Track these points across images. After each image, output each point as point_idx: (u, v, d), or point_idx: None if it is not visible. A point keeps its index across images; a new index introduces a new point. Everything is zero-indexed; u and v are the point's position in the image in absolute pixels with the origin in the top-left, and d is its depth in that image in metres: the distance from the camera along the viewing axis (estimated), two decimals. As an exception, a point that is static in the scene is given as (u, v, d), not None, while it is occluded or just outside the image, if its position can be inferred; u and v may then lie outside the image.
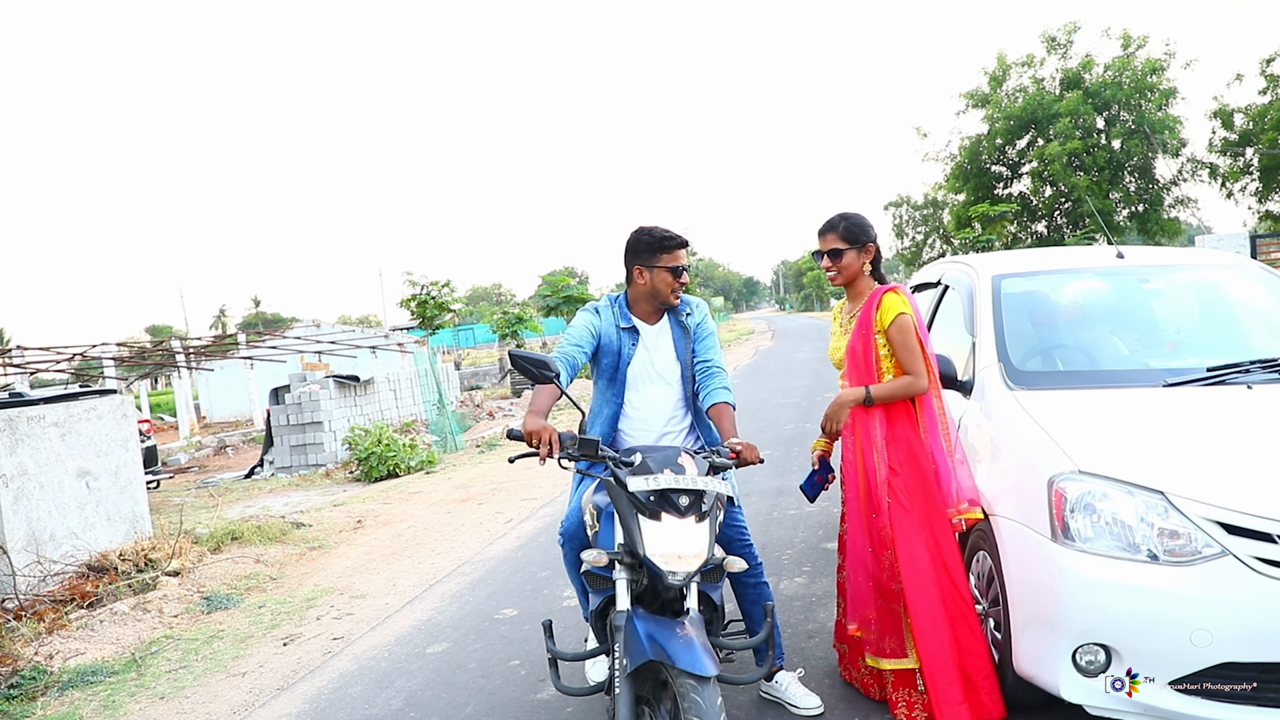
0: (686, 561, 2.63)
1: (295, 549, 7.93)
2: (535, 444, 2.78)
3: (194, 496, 12.82)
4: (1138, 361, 3.69)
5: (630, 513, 2.67)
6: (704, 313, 3.56)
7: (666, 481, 2.64)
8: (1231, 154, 28.00)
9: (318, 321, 32.94)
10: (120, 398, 8.78)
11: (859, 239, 3.48)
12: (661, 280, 3.37)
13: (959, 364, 3.87)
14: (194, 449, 21.23)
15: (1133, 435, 3.06)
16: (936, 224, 38.22)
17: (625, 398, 3.43)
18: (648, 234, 3.38)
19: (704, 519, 2.70)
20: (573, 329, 3.39)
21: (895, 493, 3.31)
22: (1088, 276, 4.22)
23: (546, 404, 3.00)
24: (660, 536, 2.63)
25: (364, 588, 6.42)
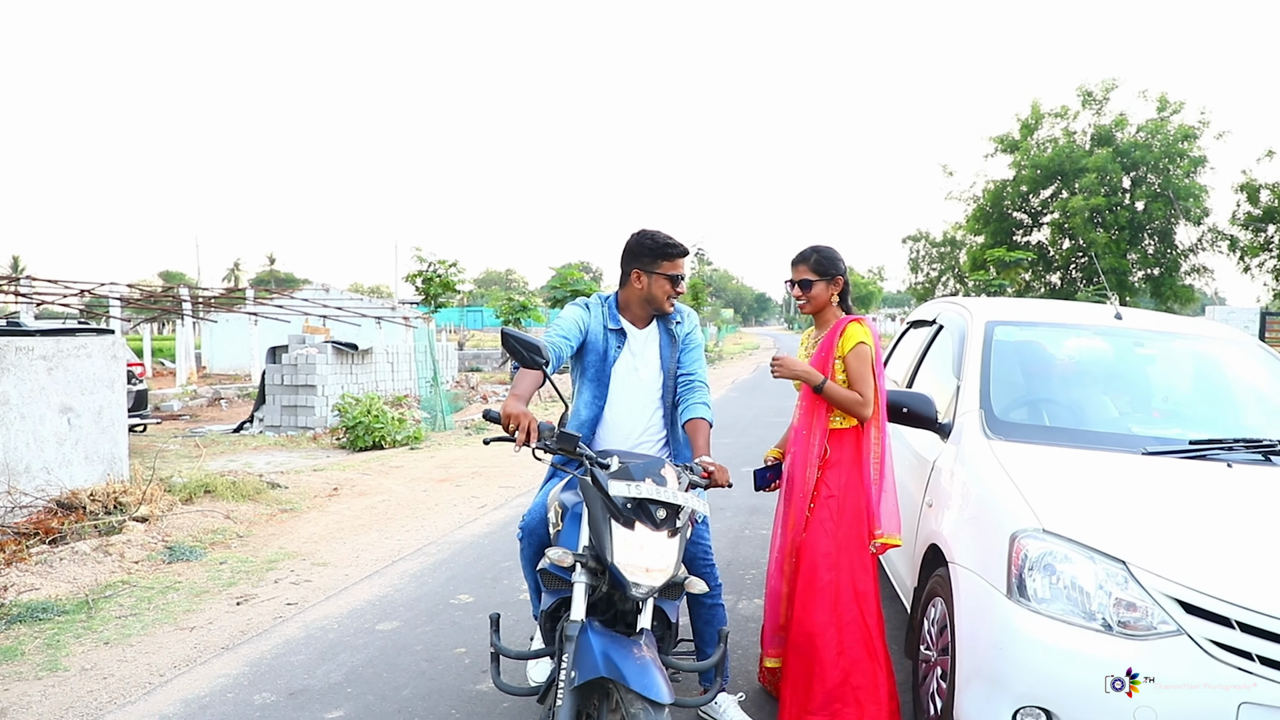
0: (652, 575, 2.59)
1: (267, 509, 7.90)
2: (512, 429, 2.72)
3: (179, 444, 12.82)
4: (1121, 425, 3.65)
5: (603, 517, 2.62)
6: (694, 323, 3.52)
7: (648, 491, 2.60)
8: (1254, 229, 27.90)
9: (326, 286, 33.02)
10: (113, 338, 8.75)
11: (829, 271, 3.60)
12: (659, 287, 3.34)
13: (941, 405, 3.83)
14: (189, 397, 21.21)
15: (1103, 500, 3.01)
16: (952, 262, 38.10)
17: (606, 400, 3.38)
18: (650, 239, 3.34)
19: (676, 534, 2.66)
20: (561, 320, 3.34)
21: (821, 515, 3.45)
22: (1082, 333, 4.18)
23: (529, 390, 2.94)
24: (631, 546, 2.58)
25: (327, 556, 6.39)
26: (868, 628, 3.38)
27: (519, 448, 2.70)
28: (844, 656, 3.35)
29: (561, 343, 3.25)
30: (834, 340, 3.54)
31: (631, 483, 2.60)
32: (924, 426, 3.73)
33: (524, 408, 2.77)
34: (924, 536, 3.56)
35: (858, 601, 3.39)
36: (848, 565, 3.40)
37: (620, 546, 2.57)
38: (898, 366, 5.49)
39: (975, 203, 31.99)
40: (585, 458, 2.74)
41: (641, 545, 2.58)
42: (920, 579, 3.62)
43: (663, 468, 2.70)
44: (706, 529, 3.44)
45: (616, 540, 2.58)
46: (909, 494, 3.94)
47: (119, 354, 8.71)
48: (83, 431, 8.05)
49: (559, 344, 3.23)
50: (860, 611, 3.38)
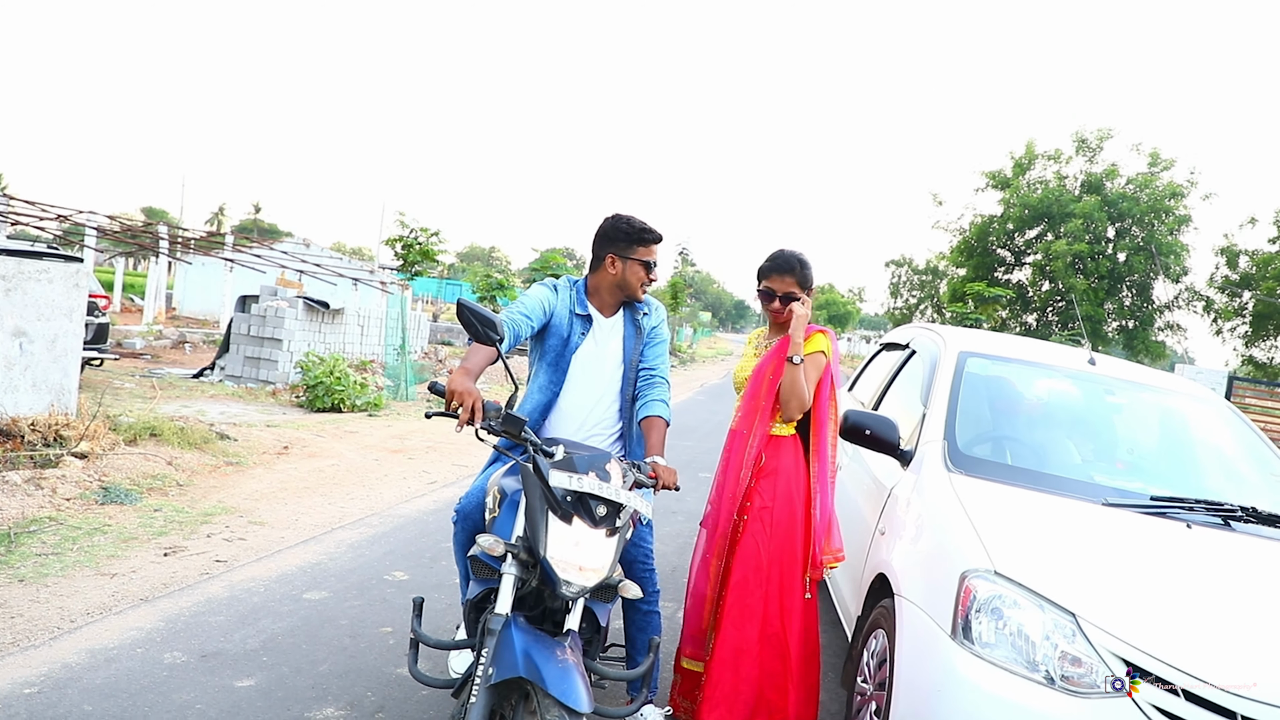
0: (586, 574, 2.47)
1: (212, 460, 7.70)
2: (455, 405, 2.57)
3: (135, 383, 12.54)
4: (1084, 473, 3.57)
5: (540, 508, 2.49)
6: (661, 317, 3.41)
7: (590, 485, 2.47)
8: (1229, 293, 28.26)
9: (307, 241, 32.50)
10: (77, 266, 8.50)
11: (809, 283, 3.49)
12: (634, 273, 3.23)
13: (905, 431, 3.74)
14: (153, 337, 20.82)
15: (1059, 547, 2.93)
16: (932, 291, 38.32)
17: (563, 387, 3.26)
18: (626, 223, 3.22)
19: (615, 534, 2.54)
20: (526, 298, 3.21)
21: (754, 528, 3.32)
22: (1054, 375, 4.10)
23: (479, 365, 2.79)
24: (566, 541, 2.46)
25: (266, 515, 6.22)
26: (787, 645, 3.30)
27: (461, 426, 2.56)
28: (762, 672, 3.29)
29: (522, 321, 3.11)
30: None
31: (574, 475, 2.48)
32: (885, 451, 3.64)
33: (471, 384, 2.63)
34: (873, 565, 3.48)
35: (782, 618, 3.31)
36: (777, 580, 3.32)
37: (555, 540, 2.45)
38: (865, 387, 5.41)
39: (961, 235, 32.20)
40: (530, 443, 2.62)
41: (577, 541, 2.46)
42: (864, 608, 3.53)
43: (608, 462, 2.58)
44: (650, 532, 3.33)
45: (552, 534, 2.46)
46: (862, 519, 3.86)
47: (82, 283, 8.47)
48: (34, 358, 7.81)
49: (519, 322, 3.09)
50: (783, 628, 3.30)
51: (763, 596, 3.30)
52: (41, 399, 7.69)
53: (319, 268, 27.07)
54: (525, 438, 2.61)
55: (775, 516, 3.33)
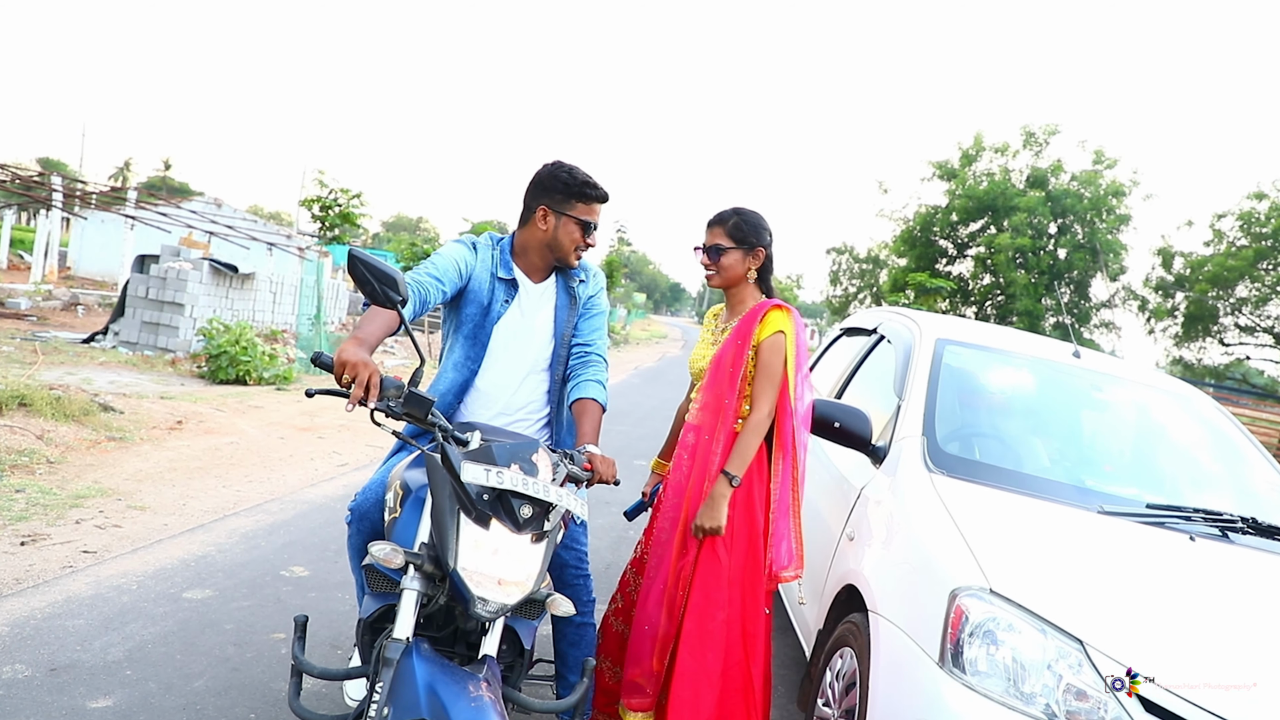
0: (507, 589, 2.01)
1: (92, 434, 6.98)
2: (347, 381, 2.08)
3: (15, 348, 11.57)
4: (1075, 476, 3.21)
5: (450, 508, 2.03)
6: (599, 285, 2.94)
7: (513, 481, 2.01)
8: (1164, 293, 28.71)
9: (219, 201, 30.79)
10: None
11: (748, 240, 3.06)
12: (567, 232, 2.74)
13: (877, 426, 3.34)
14: (41, 297, 19.45)
15: (1058, 562, 2.55)
16: (872, 280, 38.36)
17: (482, 363, 2.76)
18: (567, 172, 2.73)
19: (542, 539, 2.09)
20: (438, 257, 2.70)
21: (713, 542, 2.88)
22: (1039, 368, 3.74)
23: (377, 334, 2.29)
24: (483, 549, 2.00)
25: (149, 499, 5.58)
26: (750, 676, 2.91)
27: (352, 405, 2.06)
28: (722, 706, 2.87)
29: (430, 284, 2.60)
30: (752, 326, 2.99)
31: (492, 468, 2.01)
32: (855, 446, 3.22)
33: (366, 356, 2.13)
34: (839, 574, 3.07)
35: (745, 643, 2.91)
36: (739, 601, 2.91)
37: (468, 549, 1.99)
38: (824, 375, 5.01)
39: (905, 224, 32.18)
40: (439, 429, 2.15)
41: (496, 549, 2.01)
42: (827, 622, 3.12)
43: (535, 453, 2.12)
44: (584, 533, 2.88)
45: (464, 540, 2.00)
46: (824, 522, 3.45)
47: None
48: None
49: (427, 285, 2.58)
50: (745, 655, 2.91)
51: (725, 621, 2.88)
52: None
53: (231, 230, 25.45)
54: (433, 421, 2.13)
55: (736, 527, 2.90)
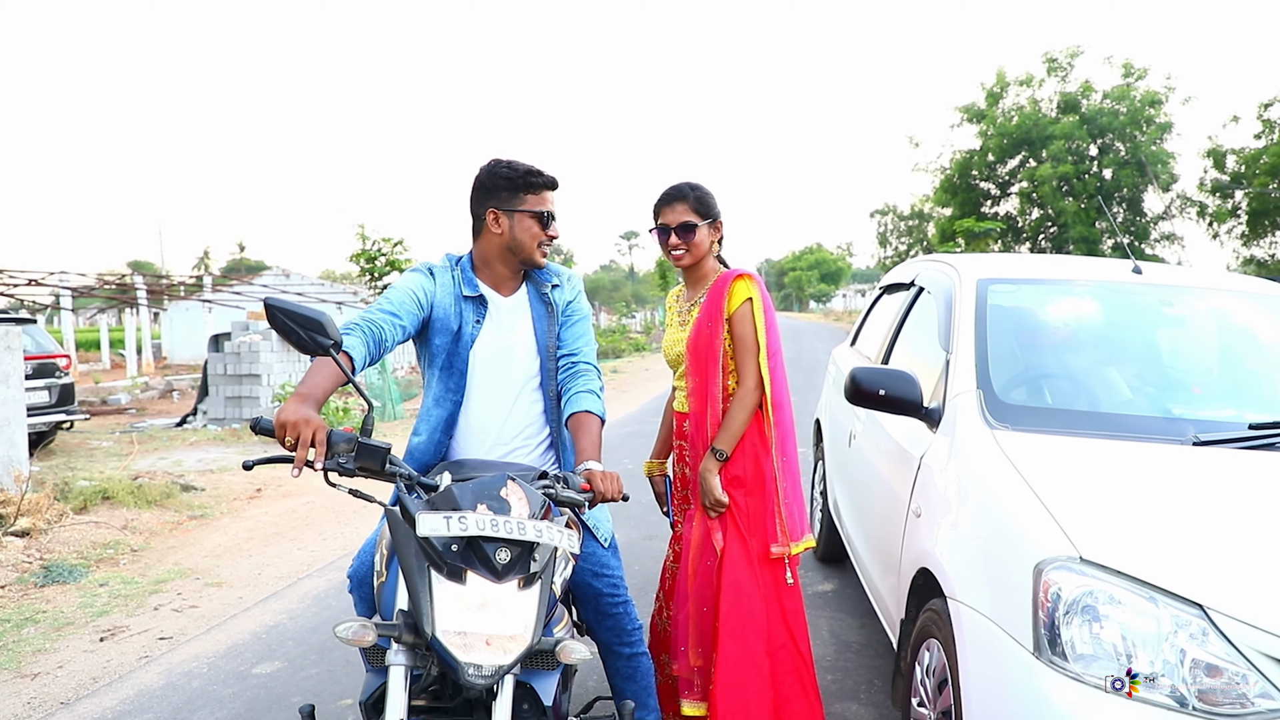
0: (498, 649, 1.76)
1: (174, 516, 7.02)
2: (290, 444, 1.87)
3: (114, 441, 11.86)
4: (1158, 406, 2.86)
5: (419, 566, 1.80)
6: (577, 289, 2.67)
7: (479, 524, 1.76)
8: (1221, 195, 27.50)
9: (286, 271, 31.83)
10: (5, 329, 7.84)
11: (711, 211, 2.98)
12: (524, 230, 2.48)
13: (927, 386, 3.03)
14: (138, 390, 20.09)
15: (1155, 513, 2.21)
16: (920, 235, 37.54)
17: (466, 394, 2.52)
18: (506, 167, 2.47)
19: (532, 583, 1.84)
20: (392, 291, 2.46)
21: (734, 513, 2.87)
22: (1097, 292, 3.38)
23: (323, 387, 2.04)
24: (461, 608, 1.76)
25: (226, 573, 5.53)
26: (800, 653, 2.88)
27: (298, 470, 1.85)
28: (777, 691, 2.82)
29: (385, 320, 2.34)
30: (721, 301, 2.90)
31: (453, 515, 1.76)
32: (906, 412, 2.92)
33: (309, 412, 1.90)
34: (912, 556, 2.76)
35: (786, 621, 2.87)
36: (770, 580, 2.87)
37: (446, 610, 1.75)
38: (870, 340, 4.70)
39: (943, 174, 31.39)
40: (399, 478, 1.92)
41: (482, 603, 1.76)
42: (909, 610, 2.82)
43: (503, 487, 1.87)
44: (614, 556, 2.61)
45: (440, 601, 1.76)
46: (892, 496, 3.15)
47: (14, 345, 7.81)
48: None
49: (380, 323, 2.32)
50: (790, 634, 2.87)
51: (761, 601, 2.84)
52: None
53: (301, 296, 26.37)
54: (391, 471, 1.91)
55: (749, 506, 2.87)
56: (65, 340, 23.35)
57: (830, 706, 3.42)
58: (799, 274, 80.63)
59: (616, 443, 10.02)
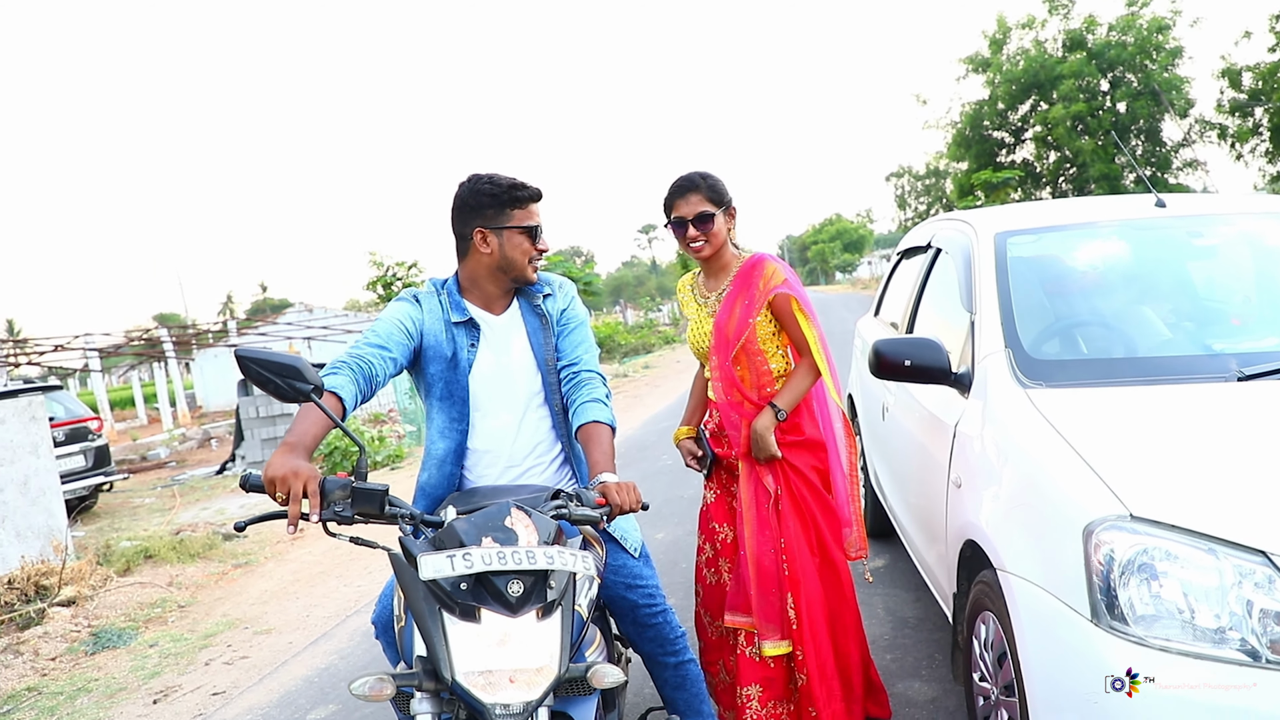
0: (524, 684, 1.69)
1: (219, 566, 7.07)
2: (283, 498, 1.81)
3: (155, 496, 12.03)
4: (1196, 343, 2.74)
5: (430, 610, 1.73)
6: (569, 295, 2.58)
7: (484, 559, 1.70)
8: (1240, 114, 26.85)
9: (309, 306, 32.16)
10: (28, 399, 7.90)
11: (724, 199, 2.92)
12: (515, 247, 2.40)
13: (954, 351, 2.93)
14: (176, 442, 20.37)
15: (1205, 458, 2.10)
16: (939, 194, 37.14)
17: (470, 421, 2.45)
18: (489, 182, 2.39)
19: (551, 611, 1.77)
20: (378, 324, 2.39)
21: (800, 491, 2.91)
22: (1120, 232, 3.25)
23: (312, 433, 1.99)
24: (479, 647, 1.70)
25: (274, 619, 5.53)
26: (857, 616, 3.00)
27: (293, 526, 1.81)
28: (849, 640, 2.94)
29: (373, 355, 2.28)
30: (754, 284, 2.87)
31: (456, 553, 1.70)
32: (935, 381, 2.83)
33: (299, 463, 1.85)
34: (957, 528, 2.67)
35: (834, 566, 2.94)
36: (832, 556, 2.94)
37: (462, 651, 1.69)
38: (892, 307, 4.59)
39: (954, 128, 30.97)
40: (400, 519, 1.86)
41: (501, 639, 1.70)
42: (960, 583, 2.72)
43: (508, 516, 1.80)
44: (646, 564, 2.54)
45: (455, 642, 1.70)
46: (932, 466, 3.05)
47: (39, 414, 7.87)
48: (8, 508, 7.23)
49: (369, 358, 2.26)
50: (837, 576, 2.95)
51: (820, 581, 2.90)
52: (30, 546, 7.10)
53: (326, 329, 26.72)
54: (392, 513, 1.85)
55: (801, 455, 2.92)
56: (99, 400, 23.73)
57: (893, 686, 3.34)
58: (821, 246, 79.97)
59: (654, 439, 9.94)
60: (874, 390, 4.33)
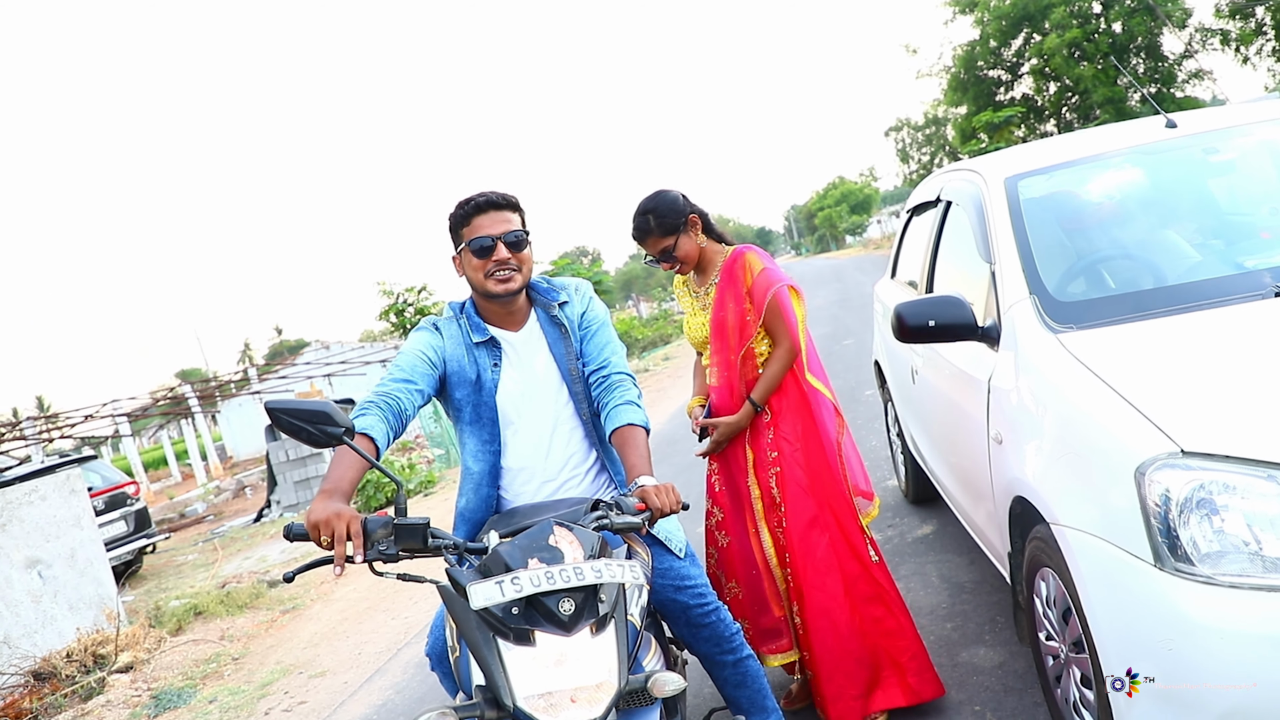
0: (586, 702, 1.65)
1: (267, 614, 7.09)
2: (327, 542, 1.80)
3: (198, 552, 12.14)
4: (1227, 263, 2.63)
5: (484, 638, 1.70)
6: (586, 297, 2.52)
7: (532, 582, 1.66)
8: (1241, 16, 26.29)
9: (325, 343, 32.30)
10: (66, 473, 7.96)
11: (676, 224, 3.01)
12: (469, 266, 2.35)
13: (978, 304, 2.84)
14: (212, 495, 20.61)
15: (1250, 383, 2.01)
16: (941, 142, 36.71)
17: (502, 441, 2.41)
18: (456, 207, 2.37)
19: (605, 625, 1.73)
20: (401, 356, 2.36)
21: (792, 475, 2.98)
22: (1133, 158, 3.14)
23: (348, 476, 1.98)
24: (537, 670, 1.66)
25: (327, 661, 5.53)
26: (877, 582, 2.98)
27: (340, 568, 1.78)
28: (864, 620, 2.94)
29: (400, 390, 2.26)
30: (738, 275, 3.02)
31: (505, 579, 1.66)
32: (962, 338, 2.74)
33: (340, 506, 1.83)
34: (1003, 485, 2.59)
35: (855, 557, 2.97)
36: (835, 518, 2.98)
37: (520, 676, 1.65)
38: (908, 268, 4.49)
39: (948, 73, 30.54)
40: (445, 549, 1.83)
41: (558, 660, 1.66)
42: (1013, 541, 2.64)
43: (550, 535, 1.77)
44: (693, 564, 2.48)
45: (512, 668, 1.66)
46: (969, 427, 2.96)
47: (77, 487, 7.93)
48: (59, 582, 7.28)
49: (396, 394, 2.24)
50: (863, 566, 2.97)
51: (829, 542, 2.96)
52: (84, 617, 7.15)
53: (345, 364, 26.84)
54: (435, 545, 1.82)
55: (806, 450, 2.98)
56: (132, 464, 23.99)
57: (957, 656, 3.26)
58: (828, 212, 79.26)
59: (683, 432, 9.84)
60: (900, 354, 4.24)
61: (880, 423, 5.53)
